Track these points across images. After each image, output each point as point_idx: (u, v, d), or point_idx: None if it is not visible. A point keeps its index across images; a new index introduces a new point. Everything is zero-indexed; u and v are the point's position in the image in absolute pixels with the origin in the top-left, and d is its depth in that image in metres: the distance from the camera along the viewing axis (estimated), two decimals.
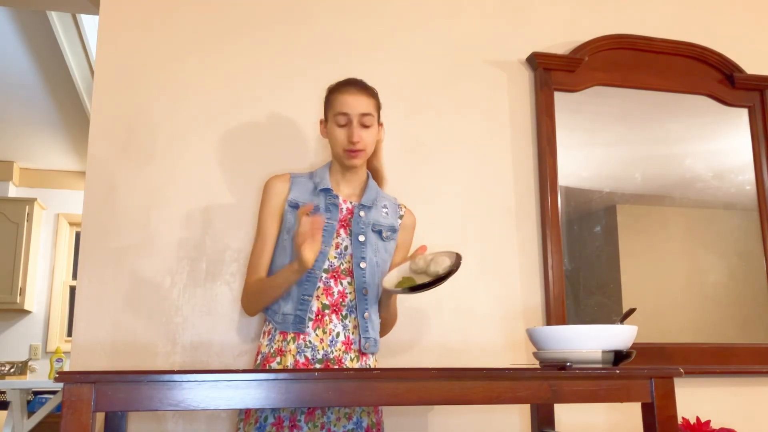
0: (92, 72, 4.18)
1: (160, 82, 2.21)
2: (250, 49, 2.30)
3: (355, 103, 1.79)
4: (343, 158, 1.82)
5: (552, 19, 2.60)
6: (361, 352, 1.80)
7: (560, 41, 2.58)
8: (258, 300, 1.82)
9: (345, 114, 1.79)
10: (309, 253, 1.63)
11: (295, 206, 1.82)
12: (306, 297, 1.77)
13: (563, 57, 2.50)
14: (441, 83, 2.44)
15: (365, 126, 1.80)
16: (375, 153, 1.96)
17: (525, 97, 2.51)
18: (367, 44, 2.40)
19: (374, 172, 1.98)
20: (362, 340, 1.79)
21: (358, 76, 2.34)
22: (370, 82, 2.32)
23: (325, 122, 1.87)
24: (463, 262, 1.55)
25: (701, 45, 2.67)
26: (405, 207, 1.99)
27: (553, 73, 2.50)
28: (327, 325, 1.77)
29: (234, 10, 2.32)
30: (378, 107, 1.86)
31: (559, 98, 2.50)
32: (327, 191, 1.85)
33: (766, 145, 2.68)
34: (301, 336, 1.76)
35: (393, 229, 1.91)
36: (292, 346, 1.76)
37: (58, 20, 3.69)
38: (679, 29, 2.71)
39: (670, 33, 2.68)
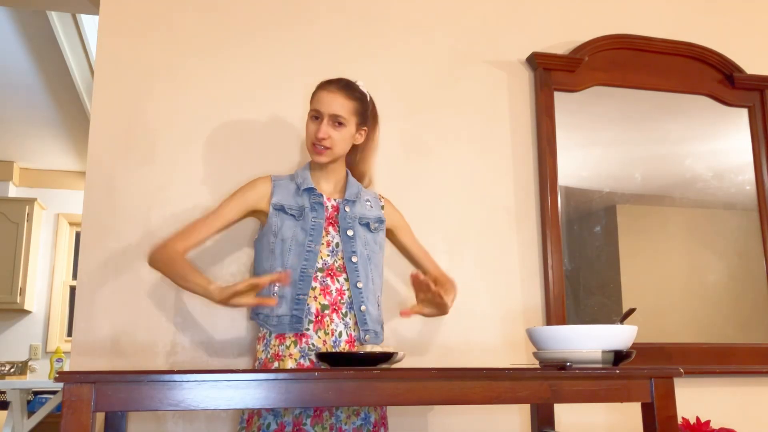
0: (92, 72, 4.18)
1: (160, 82, 2.21)
2: (250, 49, 2.30)
3: (329, 102, 1.80)
4: (310, 153, 1.85)
5: (552, 19, 2.60)
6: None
7: (560, 41, 2.58)
8: (164, 270, 1.78)
9: (317, 110, 1.81)
10: (227, 301, 1.64)
11: (280, 209, 1.83)
12: (301, 296, 1.76)
13: (563, 57, 2.50)
14: (441, 83, 2.44)
15: (338, 125, 1.81)
16: (364, 158, 1.97)
17: (525, 97, 2.51)
18: (367, 44, 2.40)
19: (360, 177, 1.99)
20: (361, 333, 1.80)
21: (358, 77, 2.35)
22: (369, 83, 2.32)
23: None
24: (401, 354, 1.46)
25: (701, 45, 2.67)
26: (383, 197, 2.03)
27: (553, 73, 2.50)
28: (328, 325, 1.77)
29: (234, 10, 2.32)
30: (358, 111, 1.85)
31: (559, 98, 2.50)
32: (311, 190, 1.86)
33: (766, 145, 2.68)
34: (303, 339, 1.75)
35: (380, 220, 1.93)
36: (294, 350, 1.75)
37: (58, 20, 3.69)
38: (679, 29, 2.71)
39: (670, 33, 2.68)
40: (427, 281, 1.71)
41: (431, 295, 1.73)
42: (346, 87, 1.84)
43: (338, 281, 1.81)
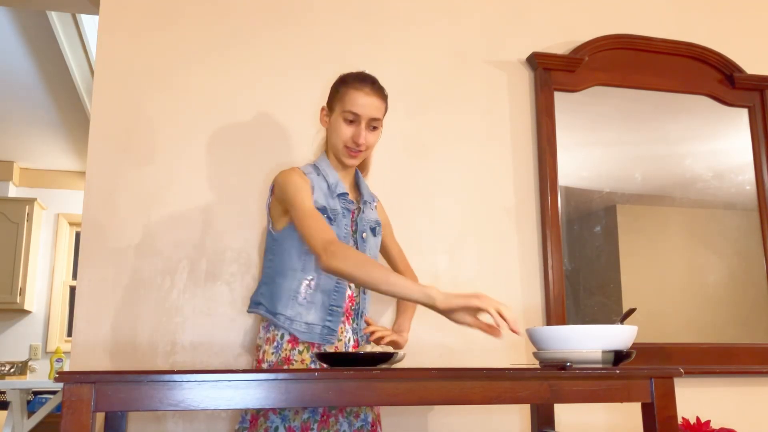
0: (92, 72, 4.18)
1: (160, 82, 2.21)
2: (250, 49, 2.30)
3: (368, 105, 1.72)
4: (341, 154, 1.78)
5: (552, 19, 2.60)
6: None
7: (560, 41, 2.58)
8: (356, 271, 1.54)
9: (355, 114, 1.73)
10: (452, 311, 1.48)
11: (319, 209, 1.72)
12: (336, 308, 1.74)
13: (563, 57, 2.50)
14: (441, 83, 2.44)
15: (373, 129, 1.77)
16: None
17: (525, 97, 2.51)
18: (367, 44, 2.40)
19: (365, 163, 1.95)
20: (359, 339, 1.80)
21: None
22: None
23: (329, 112, 1.80)
24: (401, 354, 1.44)
25: (701, 45, 2.67)
26: (375, 196, 1.99)
27: (553, 73, 2.50)
28: (341, 333, 1.77)
29: (234, 10, 2.32)
30: (386, 110, 1.81)
31: (559, 98, 2.50)
32: (344, 195, 1.81)
33: (766, 145, 2.68)
34: (315, 345, 1.73)
35: (379, 223, 1.92)
36: (306, 356, 1.72)
37: (58, 20, 3.69)
38: (679, 29, 2.71)
39: (670, 33, 2.68)
40: (376, 335, 1.84)
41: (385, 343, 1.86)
42: (379, 87, 1.77)
43: (351, 287, 1.80)
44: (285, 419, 1.66)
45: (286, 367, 1.72)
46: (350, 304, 1.79)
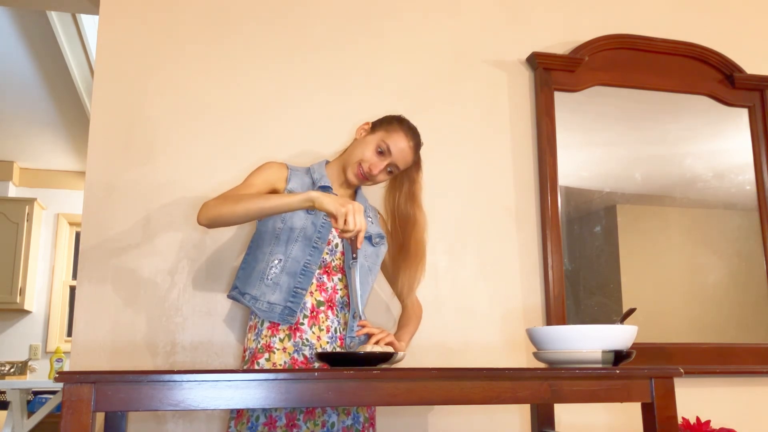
0: (92, 72, 4.18)
1: (160, 82, 2.21)
2: (250, 49, 2.30)
3: (402, 152, 1.84)
4: (351, 168, 1.85)
5: (552, 19, 2.60)
6: None
7: (560, 41, 2.58)
8: (231, 209, 1.67)
9: (389, 150, 1.82)
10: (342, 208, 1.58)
11: None
12: (299, 290, 1.77)
13: (563, 57, 2.50)
14: (441, 83, 2.44)
15: (389, 173, 1.86)
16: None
17: (525, 97, 2.51)
18: (368, 44, 2.40)
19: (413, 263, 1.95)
20: (347, 339, 1.81)
21: (358, 75, 2.35)
22: (369, 82, 2.33)
23: (371, 130, 1.88)
24: (400, 356, 1.48)
25: (701, 45, 2.67)
26: (379, 212, 2.03)
27: (553, 73, 2.50)
28: (323, 322, 1.78)
29: (234, 9, 2.32)
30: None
31: (559, 98, 2.50)
32: (326, 188, 1.86)
33: (766, 145, 2.68)
34: (297, 334, 1.76)
35: (381, 236, 1.93)
36: (288, 344, 1.75)
37: (58, 20, 3.69)
38: (679, 29, 2.71)
39: (670, 33, 2.68)
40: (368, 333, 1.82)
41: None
42: (417, 146, 1.88)
43: (333, 279, 1.82)
44: (266, 408, 1.68)
45: (266, 354, 1.74)
46: (333, 295, 1.81)
